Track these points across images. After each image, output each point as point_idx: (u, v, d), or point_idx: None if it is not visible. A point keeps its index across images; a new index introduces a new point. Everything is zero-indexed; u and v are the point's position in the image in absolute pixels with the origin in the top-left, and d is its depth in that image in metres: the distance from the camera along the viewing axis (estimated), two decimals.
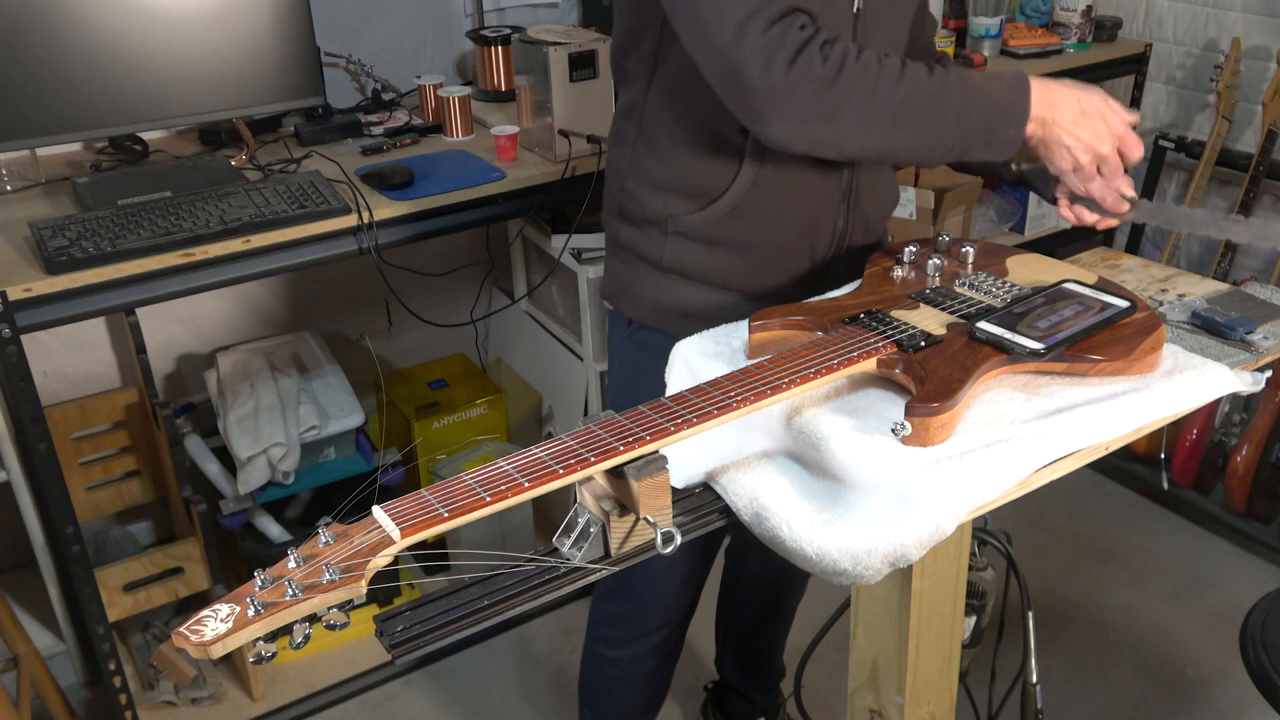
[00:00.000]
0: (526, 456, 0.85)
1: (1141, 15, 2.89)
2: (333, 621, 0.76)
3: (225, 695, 2.25)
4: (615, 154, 1.44)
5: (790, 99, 1.11)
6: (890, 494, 0.94)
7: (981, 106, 1.16)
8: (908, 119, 1.15)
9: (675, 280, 1.41)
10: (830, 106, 1.12)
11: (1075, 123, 1.19)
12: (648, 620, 1.70)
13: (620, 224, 1.45)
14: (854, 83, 1.11)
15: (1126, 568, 2.58)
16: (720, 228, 1.36)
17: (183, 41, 1.87)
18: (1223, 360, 1.14)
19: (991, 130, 1.17)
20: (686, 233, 1.37)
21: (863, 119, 1.13)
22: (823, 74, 1.10)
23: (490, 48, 2.34)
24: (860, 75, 1.12)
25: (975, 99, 1.16)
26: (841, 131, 1.14)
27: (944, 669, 1.16)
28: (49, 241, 1.67)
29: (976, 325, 1.08)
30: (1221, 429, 2.56)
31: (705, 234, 1.36)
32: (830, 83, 1.11)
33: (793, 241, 1.38)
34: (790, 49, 1.10)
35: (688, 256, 1.39)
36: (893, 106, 1.13)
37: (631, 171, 1.39)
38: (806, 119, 1.13)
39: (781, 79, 1.10)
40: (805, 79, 1.10)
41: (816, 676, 1.69)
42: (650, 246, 1.41)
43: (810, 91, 1.11)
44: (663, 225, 1.38)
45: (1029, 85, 1.18)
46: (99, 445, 2.29)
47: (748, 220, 1.35)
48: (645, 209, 1.39)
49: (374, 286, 2.22)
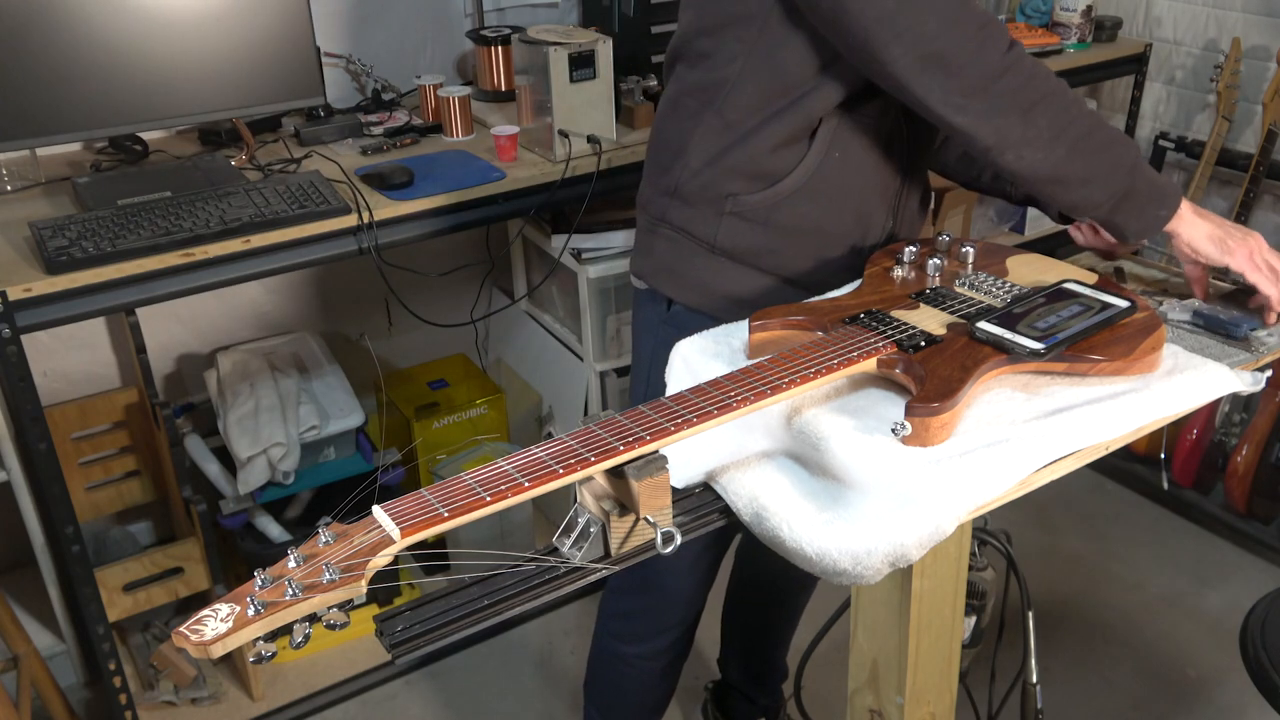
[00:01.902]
0: (526, 456, 0.85)
1: (1141, 15, 2.89)
2: (333, 621, 0.76)
3: (225, 695, 2.25)
4: (674, 132, 1.43)
5: (999, 85, 1.15)
6: (890, 494, 0.94)
7: (1147, 172, 1.21)
8: (1089, 146, 1.20)
9: (724, 262, 1.41)
10: (1030, 102, 1.16)
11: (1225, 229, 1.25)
12: (665, 617, 1.70)
13: (670, 201, 1.44)
14: (1053, 90, 1.17)
15: (1126, 568, 2.57)
16: (778, 211, 1.36)
17: (183, 41, 1.87)
18: (1223, 360, 1.14)
19: (1150, 197, 1.22)
20: (743, 213, 1.38)
21: (1054, 127, 1.17)
22: (1030, 70, 1.16)
23: (490, 48, 2.34)
24: (1059, 87, 1.17)
25: (1143, 163, 1.22)
26: (1031, 132, 1.17)
27: (944, 669, 1.16)
28: (49, 241, 1.67)
29: (976, 325, 1.08)
30: (1221, 429, 2.56)
31: (761, 215, 1.37)
32: (1033, 80, 1.16)
33: (845, 231, 1.39)
34: (1003, 38, 1.15)
35: (740, 237, 1.39)
36: (1081, 127, 1.18)
37: (698, 148, 1.39)
38: (1008, 107, 1.16)
39: (996, 62, 1.15)
40: (1016, 69, 1.15)
41: (816, 676, 1.69)
42: (703, 226, 1.41)
43: (1018, 82, 1.15)
44: (720, 204, 1.38)
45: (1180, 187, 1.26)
46: (99, 445, 2.29)
47: (806, 205, 1.36)
48: (706, 187, 1.39)
49: (374, 286, 2.22)
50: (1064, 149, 1.19)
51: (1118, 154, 1.21)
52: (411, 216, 1.90)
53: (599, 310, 2.31)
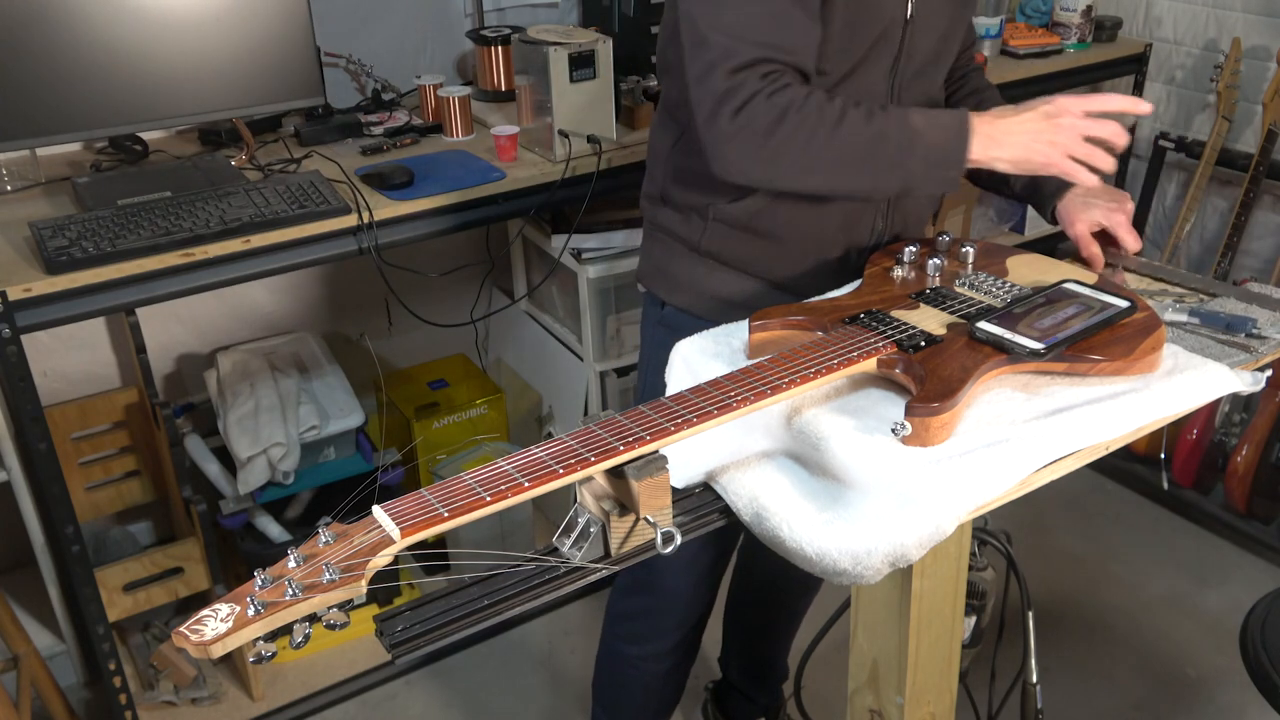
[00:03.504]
0: (526, 456, 0.85)
1: (1141, 15, 2.89)
2: (333, 621, 0.76)
3: (225, 695, 2.25)
4: (658, 140, 1.47)
5: (732, 146, 1.21)
6: (890, 494, 0.94)
7: (920, 150, 1.20)
8: (844, 164, 1.22)
9: (711, 265, 1.44)
10: (769, 155, 1.20)
11: (1029, 149, 1.21)
12: (668, 618, 1.70)
13: (661, 207, 1.48)
14: (792, 133, 1.19)
15: (1126, 568, 2.57)
16: (759, 218, 1.38)
17: (183, 41, 1.87)
18: (1223, 360, 1.14)
19: (930, 171, 1.22)
20: (726, 220, 1.40)
21: (800, 166, 1.21)
22: (764, 125, 1.19)
23: (490, 48, 2.34)
24: (800, 125, 1.18)
25: (913, 144, 1.20)
26: (781, 175, 1.23)
27: (944, 669, 1.16)
28: (49, 241, 1.67)
29: (976, 325, 1.08)
30: (1221, 429, 2.56)
31: (744, 222, 1.39)
32: (769, 133, 1.19)
33: (829, 236, 1.40)
34: (739, 99, 1.19)
35: (725, 243, 1.42)
36: (829, 154, 1.20)
37: (675, 159, 1.43)
38: (747, 165, 1.23)
39: (726, 127, 1.20)
40: (747, 129, 1.19)
41: (816, 676, 1.69)
42: (690, 231, 1.44)
43: (751, 142, 1.20)
44: (703, 212, 1.41)
45: (969, 128, 1.21)
46: (99, 445, 2.29)
47: (786, 212, 1.37)
48: (688, 195, 1.43)
49: (374, 286, 2.22)
50: (823, 176, 1.23)
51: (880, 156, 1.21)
52: (411, 216, 1.90)
53: (599, 310, 2.31)
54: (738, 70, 1.19)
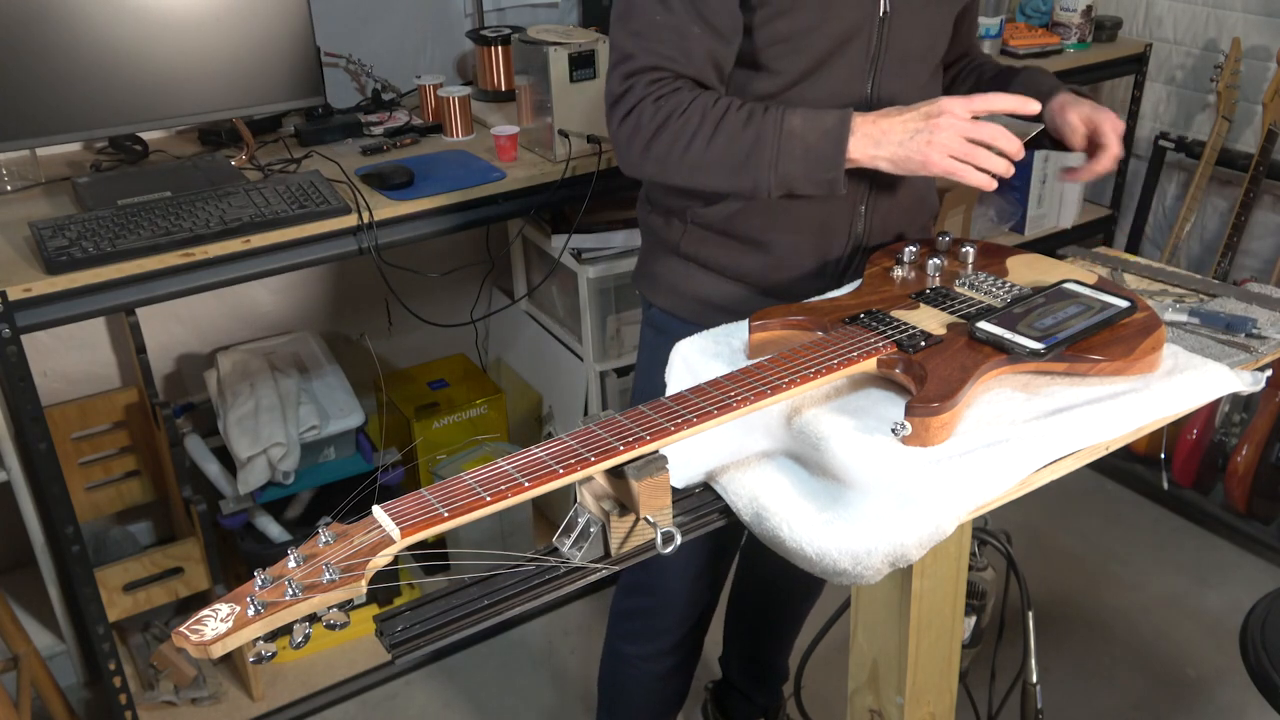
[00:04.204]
0: (526, 456, 0.85)
1: (1141, 15, 2.89)
2: (333, 621, 0.76)
3: (225, 695, 2.25)
4: None
5: (621, 146, 1.32)
6: (890, 494, 0.94)
7: (797, 153, 1.22)
8: (723, 167, 1.26)
9: (692, 267, 1.47)
10: (655, 157, 1.29)
11: (907, 148, 1.20)
12: (667, 618, 1.71)
13: (648, 210, 1.52)
14: (674, 137, 1.26)
15: (1126, 568, 2.58)
16: (733, 222, 1.40)
17: (183, 41, 1.87)
18: (1223, 360, 1.14)
19: (807, 173, 1.24)
20: (702, 224, 1.43)
21: (684, 166, 1.28)
22: (647, 129, 1.27)
23: (490, 48, 2.34)
24: (680, 130, 1.25)
25: (789, 146, 1.22)
26: (668, 174, 1.31)
27: (944, 669, 1.16)
28: (49, 241, 1.67)
29: (976, 325, 1.08)
30: (1221, 429, 2.56)
31: (719, 226, 1.42)
32: (651, 138, 1.27)
33: (805, 241, 1.41)
34: (627, 104, 1.28)
35: (703, 246, 1.45)
36: (708, 157, 1.26)
37: None
38: (637, 164, 1.32)
39: (615, 129, 1.31)
40: (633, 132, 1.28)
41: (816, 676, 1.69)
42: (671, 234, 1.47)
43: (636, 144, 1.29)
44: (682, 215, 1.45)
45: (849, 128, 1.21)
46: (99, 445, 2.29)
47: (760, 217, 1.39)
48: (668, 198, 1.46)
49: (374, 286, 2.22)
50: (702, 176, 1.28)
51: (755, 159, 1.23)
52: (411, 216, 1.90)
53: (599, 310, 2.31)
54: (630, 75, 1.28)
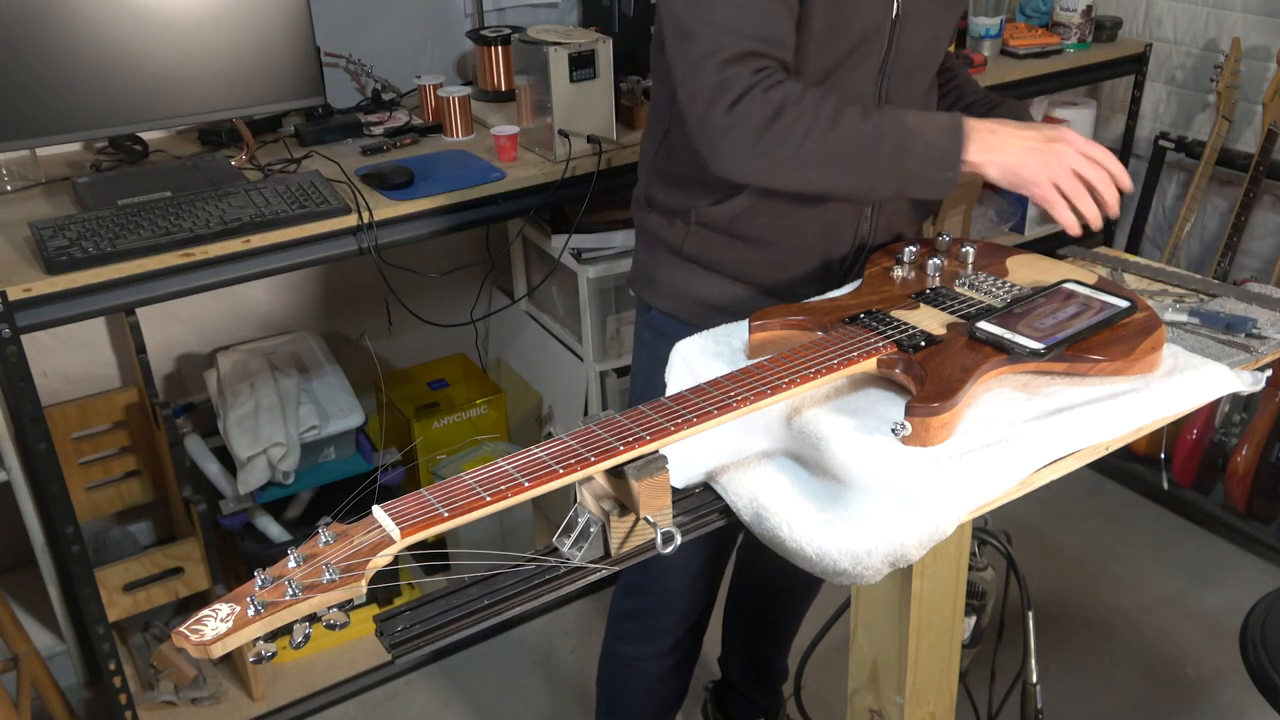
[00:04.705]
0: (526, 456, 0.85)
1: (1141, 15, 2.89)
2: (333, 621, 0.76)
3: (225, 695, 2.25)
4: (646, 144, 1.50)
5: (726, 140, 1.20)
6: (890, 494, 0.94)
7: (916, 150, 1.19)
8: (840, 162, 1.20)
9: (694, 269, 1.45)
10: (764, 150, 1.19)
11: (1021, 162, 1.19)
12: (666, 619, 1.70)
13: (647, 212, 1.49)
14: (788, 128, 1.18)
15: (1126, 568, 2.57)
16: (739, 222, 1.39)
17: (183, 41, 1.87)
18: (1223, 360, 1.14)
19: (926, 172, 1.20)
20: (707, 224, 1.41)
21: (796, 161, 1.20)
22: (759, 120, 1.18)
23: (490, 48, 2.34)
24: (795, 121, 1.18)
25: (909, 143, 1.19)
26: (776, 172, 1.22)
27: (944, 669, 1.16)
28: (49, 241, 1.67)
29: (976, 325, 1.08)
30: (1221, 429, 2.56)
31: (724, 226, 1.40)
32: (764, 128, 1.18)
33: (811, 241, 1.40)
34: (734, 93, 1.18)
35: (706, 247, 1.42)
36: (825, 151, 1.19)
37: (660, 161, 1.44)
38: (742, 160, 1.21)
39: (720, 121, 1.19)
40: (742, 123, 1.18)
41: (816, 676, 1.69)
42: (673, 235, 1.45)
43: (745, 136, 1.19)
44: (685, 215, 1.42)
45: (964, 130, 1.20)
46: (99, 445, 2.29)
47: (766, 217, 1.37)
48: (671, 198, 1.43)
49: (374, 286, 2.22)
50: (818, 173, 1.21)
51: (875, 154, 1.19)
52: (411, 216, 1.90)
53: (599, 310, 2.31)
54: (730, 63, 1.18)
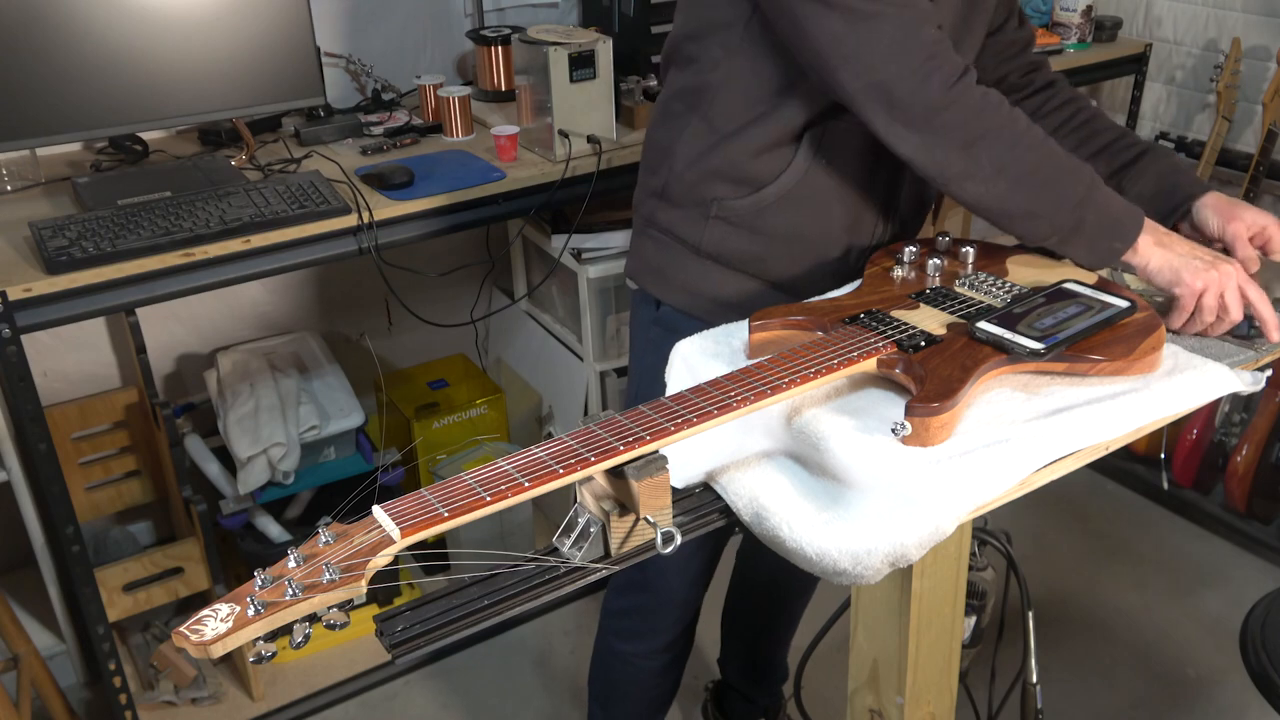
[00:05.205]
0: (526, 456, 0.85)
1: (1141, 15, 2.89)
2: (333, 621, 0.76)
3: (225, 695, 2.25)
4: (662, 134, 1.44)
5: (940, 119, 1.15)
6: (890, 494, 0.94)
7: (1101, 204, 1.19)
8: (1034, 181, 1.18)
9: (710, 265, 1.42)
10: (973, 137, 1.15)
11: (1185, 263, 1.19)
12: (662, 616, 1.70)
13: (659, 204, 1.45)
14: (1001, 124, 1.16)
15: (1126, 568, 2.58)
16: (763, 216, 1.37)
17: (183, 41, 1.87)
18: (1223, 360, 1.14)
19: (1102, 230, 1.19)
20: (729, 218, 1.38)
21: (996, 162, 1.16)
22: (976, 104, 1.15)
23: (490, 48, 2.34)
24: (1008, 121, 1.16)
25: (1098, 194, 1.18)
26: (973, 167, 1.17)
27: (944, 669, 1.16)
28: (49, 241, 1.67)
29: (976, 325, 1.08)
30: (1221, 429, 2.56)
31: (747, 221, 1.38)
32: (980, 114, 1.15)
33: (833, 238, 1.39)
34: (952, 70, 1.14)
35: (726, 241, 1.40)
36: (1028, 161, 1.17)
37: (683, 152, 1.40)
38: (948, 143, 1.16)
39: (939, 97, 1.14)
40: (960, 104, 1.14)
41: (816, 676, 1.69)
42: (689, 229, 1.41)
43: (960, 117, 1.15)
44: (706, 208, 1.39)
45: (1145, 219, 1.20)
46: (99, 445, 2.29)
47: (791, 211, 1.36)
48: (691, 190, 1.40)
49: (374, 286, 2.22)
50: (1006, 184, 1.18)
51: (1066, 190, 1.18)
52: (411, 216, 1.90)
53: (599, 310, 2.31)
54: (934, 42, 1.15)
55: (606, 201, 2.18)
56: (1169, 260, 1.20)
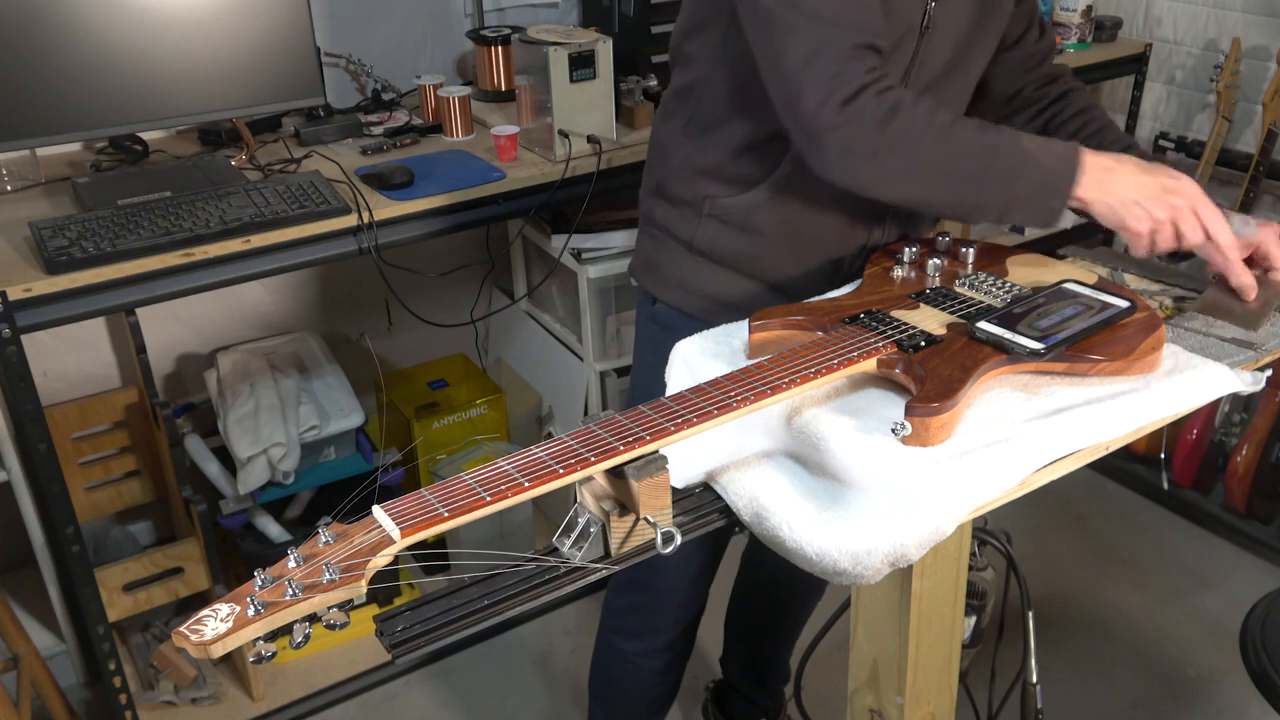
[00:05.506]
0: (526, 456, 0.85)
1: (1141, 15, 2.89)
2: (333, 621, 0.76)
3: (225, 695, 2.25)
4: (661, 132, 1.45)
5: (838, 137, 1.15)
6: (890, 494, 0.94)
7: (1028, 173, 1.17)
8: (950, 174, 1.17)
9: (703, 263, 1.43)
10: (876, 150, 1.15)
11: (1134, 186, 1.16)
12: (660, 616, 1.70)
13: (656, 201, 1.46)
14: (902, 131, 1.14)
15: (1126, 568, 2.58)
16: (755, 215, 1.37)
17: (183, 41, 1.87)
18: (1223, 360, 1.14)
19: (1035, 197, 1.17)
20: (721, 216, 1.39)
21: (904, 168, 1.16)
22: (874, 118, 1.14)
23: (490, 48, 2.34)
24: (909, 124, 1.14)
25: (1023, 165, 1.16)
26: (883, 176, 1.17)
27: (944, 669, 1.16)
28: (49, 241, 1.67)
29: (976, 325, 1.08)
30: (1221, 429, 2.56)
31: (739, 219, 1.38)
32: (879, 128, 1.14)
33: (826, 238, 1.38)
34: (850, 88, 1.14)
35: (719, 240, 1.40)
36: (936, 160, 1.16)
37: (677, 150, 1.41)
38: (852, 159, 1.16)
39: (835, 116, 1.14)
40: (857, 120, 1.14)
41: (816, 676, 1.69)
42: (684, 226, 1.42)
43: (859, 133, 1.14)
44: (699, 206, 1.39)
45: (1080, 162, 1.17)
46: (99, 445, 2.29)
47: (784, 211, 1.36)
48: (684, 188, 1.41)
49: (374, 286, 2.22)
50: (923, 186, 1.18)
51: (987, 173, 1.17)
52: (411, 216, 1.90)
53: (599, 310, 2.31)
54: (842, 59, 1.15)
55: (606, 201, 2.18)
56: (1111, 205, 1.17)
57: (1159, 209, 1.16)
